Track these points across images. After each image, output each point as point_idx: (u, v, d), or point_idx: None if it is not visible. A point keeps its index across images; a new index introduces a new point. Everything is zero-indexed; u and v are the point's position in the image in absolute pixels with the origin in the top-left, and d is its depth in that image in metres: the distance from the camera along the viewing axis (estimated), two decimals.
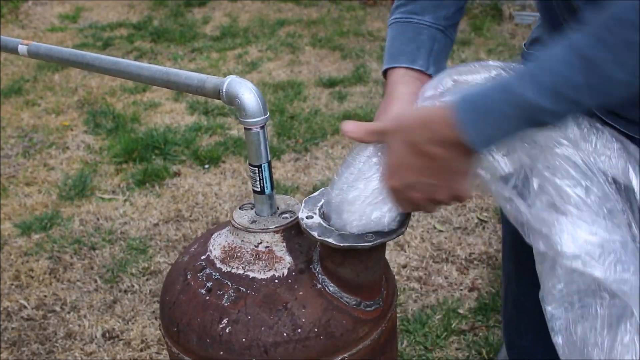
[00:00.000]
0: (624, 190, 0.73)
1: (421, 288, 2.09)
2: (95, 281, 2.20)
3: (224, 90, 0.83)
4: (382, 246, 0.81)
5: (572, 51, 0.59)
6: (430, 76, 0.85)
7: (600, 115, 0.85)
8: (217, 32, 5.04)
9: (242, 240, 0.86)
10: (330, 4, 5.64)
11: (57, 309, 2.08)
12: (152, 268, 2.25)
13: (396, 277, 2.13)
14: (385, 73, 0.87)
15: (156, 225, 2.51)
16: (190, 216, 2.55)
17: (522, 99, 0.61)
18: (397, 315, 2.01)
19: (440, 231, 2.36)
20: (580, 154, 0.71)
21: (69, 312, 2.06)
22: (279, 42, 4.68)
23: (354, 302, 0.82)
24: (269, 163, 0.86)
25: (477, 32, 4.59)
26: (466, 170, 0.70)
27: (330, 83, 3.83)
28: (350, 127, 0.75)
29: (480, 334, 1.88)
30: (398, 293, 2.05)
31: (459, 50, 4.24)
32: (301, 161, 2.93)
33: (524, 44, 1.07)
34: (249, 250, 0.85)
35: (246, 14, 5.56)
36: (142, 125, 3.38)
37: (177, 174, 2.88)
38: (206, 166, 2.93)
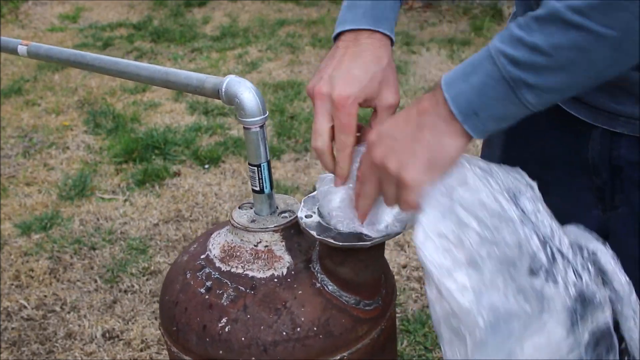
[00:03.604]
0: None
1: (421, 288, 2.09)
2: (95, 281, 2.20)
3: (223, 89, 0.83)
4: (382, 245, 0.81)
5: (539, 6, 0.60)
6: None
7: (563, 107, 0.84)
8: (217, 32, 5.04)
9: (242, 240, 0.86)
10: (330, 4, 5.64)
11: (57, 309, 2.08)
12: (152, 268, 2.25)
13: (396, 277, 2.13)
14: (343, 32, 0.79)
15: (156, 225, 2.51)
16: (190, 216, 2.56)
17: (492, 49, 0.61)
18: (397, 315, 2.01)
19: None
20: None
21: (69, 312, 2.06)
22: (279, 42, 4.68)
23: (353, 301, 0.82)
24: (268, 162, 0.86)
25: (477, 32, 4.59)
26: (451, 145, 0.65)
27: None
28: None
29: None
30: (398, 293, 2.05)
31: (459, 51, 4.25)
32: (301, 161, 2.94)
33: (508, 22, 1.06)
34: (248, 249, 0.85)
35: (246, 14, 5.56)
36: (142, 125, 3.38)
37: (177, 174, 2.88)
38: (206, 166, 2.93)
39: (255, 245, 0.85)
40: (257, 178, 0.86)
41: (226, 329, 0.80)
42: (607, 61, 0.60)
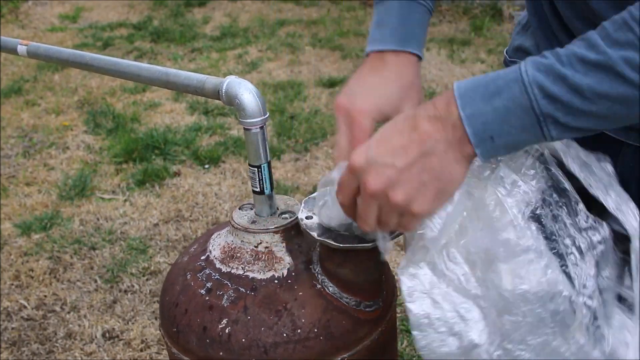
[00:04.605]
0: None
1: None
2: (95, 281, 2.20)
3: (224, 90, 0.83)
4: None
5: (581, 41, 0.57)
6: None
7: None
8: (217, 32, 5.04)
9: (242, 241, 0.86)
10: (330, 4, 5.64)
11: (57, 309, 2.08)
12: (152, 268, 2.25)
13: (396, 277, 2.12)
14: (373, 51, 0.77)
15: (156, 225, 2.51)
16: (190, 216, 2.55)
17: (525, 76, 0.58)
18: (397, 315, 2.01)
19: None
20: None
21: (69, 312, 2.06)
22: (279, 42, 4.68)
23: (353, 303, 0.82)
24: (269, 163, 0.86)
25: (477, 32, 4.58)
26: (459, 171, 0.62)
27: (330, 83, 3.83)
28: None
29: None
30: (398, 293, 2.05)
31: (459, 51, 4.24)
32: (301, 161, 2.93)
33: (506, 51, 1.00)
34: (248, 250, 0.85)
35: (246, 14, 5.56)
36: (142, 125, 3.38)
37: (177, 174, 2.88)
38: (206, 166, 2.93)
39: (255, 247, 0.85)
40: (257, 179, 0.86)
41: (226, 330, 0.80)
42: None
